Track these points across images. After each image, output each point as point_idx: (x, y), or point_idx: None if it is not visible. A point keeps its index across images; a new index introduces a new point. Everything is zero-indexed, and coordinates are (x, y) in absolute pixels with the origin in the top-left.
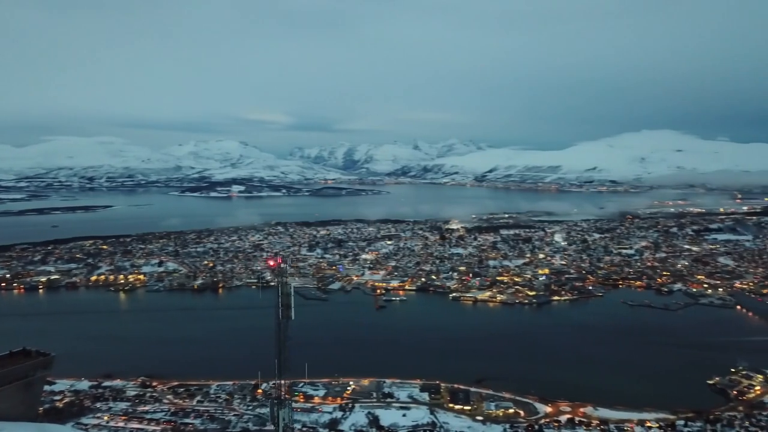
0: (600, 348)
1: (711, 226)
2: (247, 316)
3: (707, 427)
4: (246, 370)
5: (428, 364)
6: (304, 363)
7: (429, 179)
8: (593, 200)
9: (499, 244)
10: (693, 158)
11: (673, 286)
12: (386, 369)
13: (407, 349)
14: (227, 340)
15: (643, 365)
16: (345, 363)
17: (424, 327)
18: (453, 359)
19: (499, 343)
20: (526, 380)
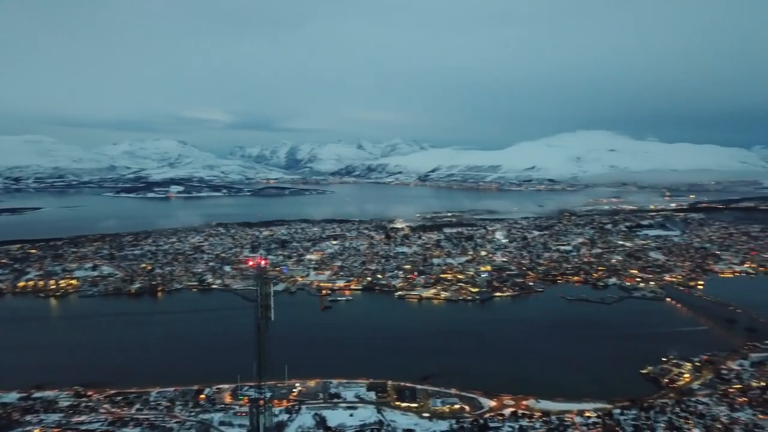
0: (540, 342)
1: (642, 223)
2: (189, 319)
3: (641, 415)
4: (188, 376)
5: (375, 363)
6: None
7: (373, 179)
8: (532, 198)
9: (442, 242)
10: (625, 158)
11: (609, 281)
12: (333, 369)
13: (354, 349)
14: (168, 346)
15: (581, 357)
16: (290, 365)
17: (370, 326)
18: (399, 357)
19: (444, 340)
20: (471, 376)
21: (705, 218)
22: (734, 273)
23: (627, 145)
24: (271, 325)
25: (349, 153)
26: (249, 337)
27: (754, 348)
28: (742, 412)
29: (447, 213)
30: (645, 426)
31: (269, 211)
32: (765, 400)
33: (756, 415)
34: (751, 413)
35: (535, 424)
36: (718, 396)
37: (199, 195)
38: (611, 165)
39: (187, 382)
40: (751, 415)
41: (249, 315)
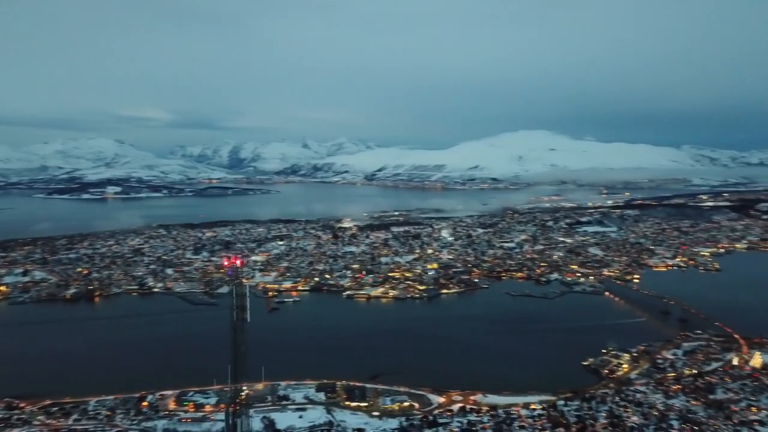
0: (487, 337)
1: (582, 220)
2: (129, 325)
3: (584, 405)
4: (129, 383)
5: (324, 364)
6: (192, 368)
7: (319, 178)
8: (476, 197)
9: (390, 241)
10: (565, 157)
11: (551, 276)
12: (281, 371)
13: (302, 350)
14: (107, 352)
15: (526, 351)
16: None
17: (318, 327)
18: (349, 357)
19: (393, 339)
20: (420, 373)
21: (640, 215)
22: (667, 267)
23: (566, 145)
24: (219, 327)
25: (294, 152)
26: (193, 340)
27: (686, 337)
28: (676, 399)
29: (394, 212)
30: (587, 416)
31: (212, 212)
32: (697, 387)
33: (689, 402)
34: (684, 400)
35: (482, 418)
36: (654, 384)
37: (138, 196)
38: (551, 164)
39: (128, 390)
40: (685, 402)
41: (192, 318)
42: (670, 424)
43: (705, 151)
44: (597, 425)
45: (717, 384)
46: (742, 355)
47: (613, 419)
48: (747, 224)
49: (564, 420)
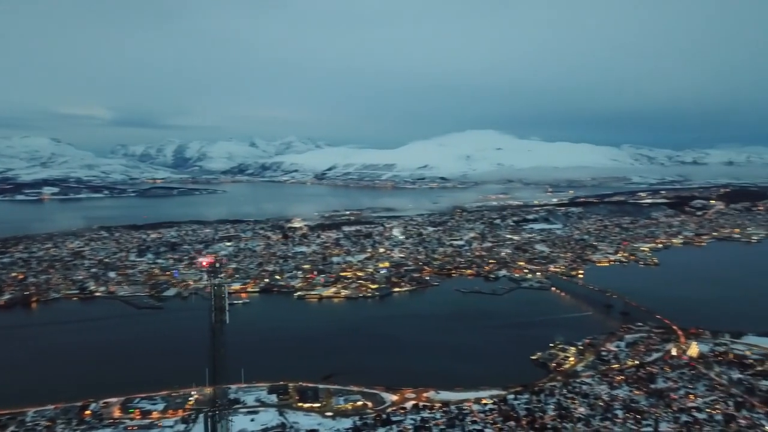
0: (438, 334)
1: (528, 217)
2: (69, 331)
3: (533, 398)
4: (71, 391)
5: (275, 366)
6: (136, 374)
7: (268, 177)
8: (426, 196)
9: (341, 240)
10: (511, 156)
11: (499, 273)
12: (231, 374)
13: (252, 352)
14: (45, 360)
15: (476, 347)
16: (185, 372)
17: (269, 328)
18: (300, 358)
19: (346, 338)
20: (373, 372)
21: (583, 212)
22: (609, 262)
23: (512, 144)
24: (166, 330)
25: (241, 151)
26: (138, 345)
27: (628, 330)
28: (620, 389)
29: (345, 211)
30: (537, 409)
31: (157, 213)
32: (639, 377)
33: (632, 391)
34: (627, 390)
35: (435, 414)
36: (599, 376)
37: (77, 197)
38: (498, 163)
39: (69, 399)
40: (628, 392)
41: (137, 323)
42: (614, 413)
43: (643, 150)
44: (546, 417)
45: (657, 373)
46: (680, 345)
47: (561, 411)
48: (683, 220)
49: (514, 413)
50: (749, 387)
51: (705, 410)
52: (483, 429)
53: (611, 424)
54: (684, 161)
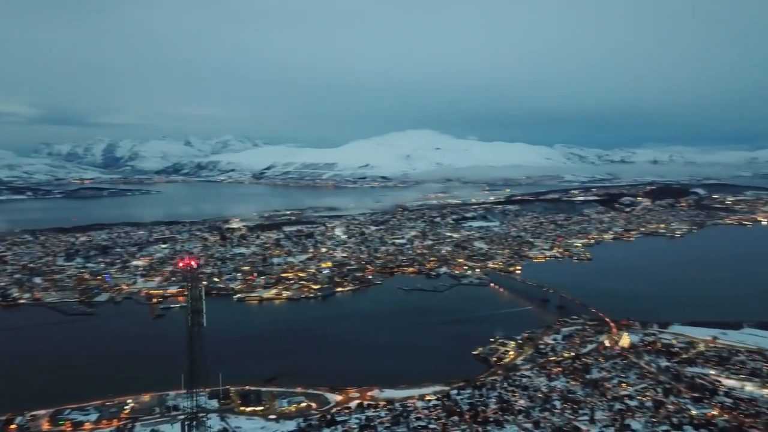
0: (382, 332)
1: (467, 215)
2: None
3: (475, 393)
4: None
5: (215, 370)
6: (70, 384)
7: (204, 177)
8: (368, 195)
9: (282, 240)
10: (449, 155)
11: (440, 270)
12: (169, 381)
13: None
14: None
15: (419, 344)
16: (120, 380)
17: (208, 331)
18: (242, 361)
19: (289, 340)
20: (317, 372)
21: (519, 209)
22: (545, 257)
23: (450, 144)
24: (98, 337)
25: (175, 150)
26: (68, 353)
27: (564, 323)
28: (558, 380)
29: (286, 211)
30: (479, 403)
31: (86, 215)
32: (575, 368)
33: (569, 382)
34: (564, 381)
35: (380, 413)
36: (538, 368)
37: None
38: (437, 162)
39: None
40: (565, 383)
41: (67, 330)
42: (553, 404)
43: (575, 149)
44: (488, 411)
45: (592, 364)
46: (613, 336)
47: (502, 404)
48: (613, 216)
49: (458, 408)
50: (676, 374)
51: (636, 397)
52: (427, 425)
53: (550, 415)
54: (613, 160)
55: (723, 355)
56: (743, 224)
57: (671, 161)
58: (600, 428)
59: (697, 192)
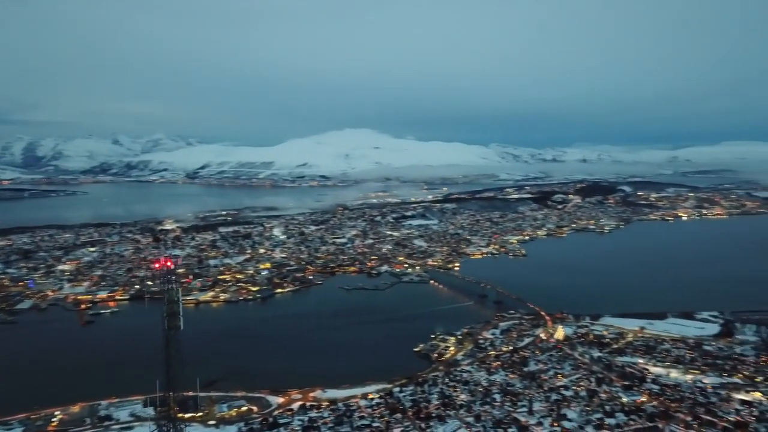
0: (323, 332)
1: (406, 214)
2: None
3: (417, 390)
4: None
5: (151, 377)
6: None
7: (134, 177)
8: (307, 194)
9: (218, 242)
10: (388, 155)
11: (381, 269)
12: (101, 390)
13: (124, 364)
14: None
15: (361, 343)
16: (47, 392)
17: (142, 337)
18: (179, 366)
19: (228, 343)
20: (258, 375)
21: (457, 208)
22: (482, 254)
23: (389, 143)
24: (20, 347)
25: (103, 149)
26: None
27: (502, 318)
28: (497, 374)
29: (222, 211)
30: (422, 399)
31: (5, 217)
32: (513, 361)
33: (507, 375)
34: (504, 374)
35: (323, 413)
36: (478, 363)
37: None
38: (376, 161)
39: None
40: (504, 376)
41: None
42: (493, 397)
43: (509, 148)
44: (431, 407)
45: (529, 357)
46: (548, 329)
47: (444, 399)
48: (546, 214)
49: (400, 406)
50: (607, 364)
51: (571, 388)
52: (371, 424)
53: (490, 408)
54: (545, 159)
55: (650, 344)
56: (666, 220)
57: (599, 160)
58: (538, 419)
59: (624, 189)
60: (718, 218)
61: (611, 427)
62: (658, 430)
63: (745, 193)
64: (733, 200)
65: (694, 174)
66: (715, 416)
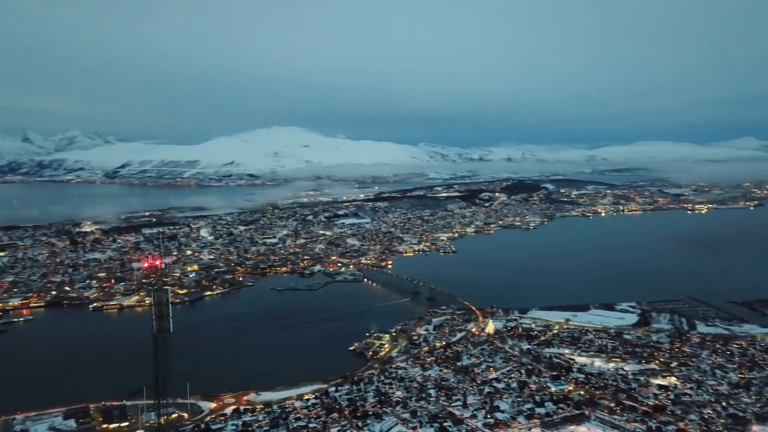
0: (256, 335)
1: (339, 213)
2: None
3: (353, 388)
4: None
5: (72, 387)
6: None
7: (47, 176)
8: (235, 194)
9: (142, 244)
10: (318, 153)
11: (314, 268)
12: (15, 403)
13: (41, 376)
14: None
15: (295, 344)
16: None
17: (61, 346)
18: (102, 375)
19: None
20: (189, 381)
21: (389, 206)
22: (414, 251)
23: (319, 142)
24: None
25: (11, 147)
26: None
27: (434, 314)
28: (431, 370)
29: (145, 212)
30: (358, 397)
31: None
32: (447, 356)
33: (442, 371)
34: (438, 369)
35: (258, 416)
36: (412, 359)
37: None
38: (306, 160)
39: None
40: (439, 371)
41: None
42: (428, 393)
43: (437, 148)
44: (367, 405)
45: (462, 352)
46: (479, 323)
47: (380, 397)
48: (474, 211)
49: (337, 405)
50: (536, 355)
51: (503, 380)
52: (307, 425)
53: (426, 403)
54: (472, 158)
55: (575, 335)
56: (586, 216)
57: (523, 159)
58: (472, 412)
59: (547, 187)
60: (633, 214)
61: (541, 416)
62: (585, 417)
63: (658, 190)
64: (647, 197)
65: (611, 172)
66: (635, 401)
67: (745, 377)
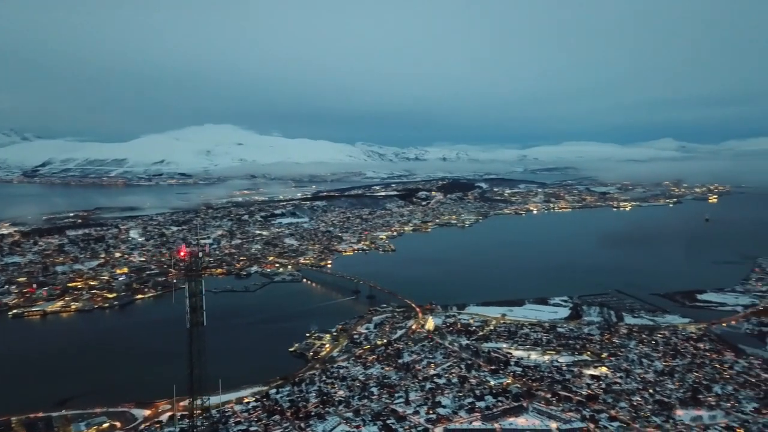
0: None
1: (276, 212)
2: None
3: (295, 389)
4: None
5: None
6: None
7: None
8: (166, 193)
9: (66, 246)
10: (253, 151)
11: (251, 269)
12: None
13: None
14: None
15: (234, 347)
16: None
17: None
18: (23, 386)
19: (82, 356)
20: (120, 389)
21: (327, 205)
22: (354, 251)
23: (253, 140)
24: None
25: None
26: None
27: (375, 312)
28: (373, 368)
29: (70, 213)
30: (300, 398)
31: None
32: (388, 354)
33: (383, 368)
34: (380, 368)
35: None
36: (354, 358)
37: None
38: (240, 158)
39: None
40: (380, 369)
41: None
42: (370, 391)
43: (374, 147)
44: (309, 406)
45: (403, 349)
46: (419, 320)
47: (323, 397)
48: (411, 210)
49: (278, 407)
50: (475, 350)
51: (444, 376)
52: (248, 428)
53: (369, 402)
54: (408, 158)
55: (511, 330)
56: (519, 213)
57: (458, 158)
58: (415, 408)
59: (481, 186)
60: (563, 211)
61: (482, 409)
62: (523, 409)
63: (585, 189)
64: (576, 195)
65: (541, 171)
66: (570, 392)
67: (669, 365)
